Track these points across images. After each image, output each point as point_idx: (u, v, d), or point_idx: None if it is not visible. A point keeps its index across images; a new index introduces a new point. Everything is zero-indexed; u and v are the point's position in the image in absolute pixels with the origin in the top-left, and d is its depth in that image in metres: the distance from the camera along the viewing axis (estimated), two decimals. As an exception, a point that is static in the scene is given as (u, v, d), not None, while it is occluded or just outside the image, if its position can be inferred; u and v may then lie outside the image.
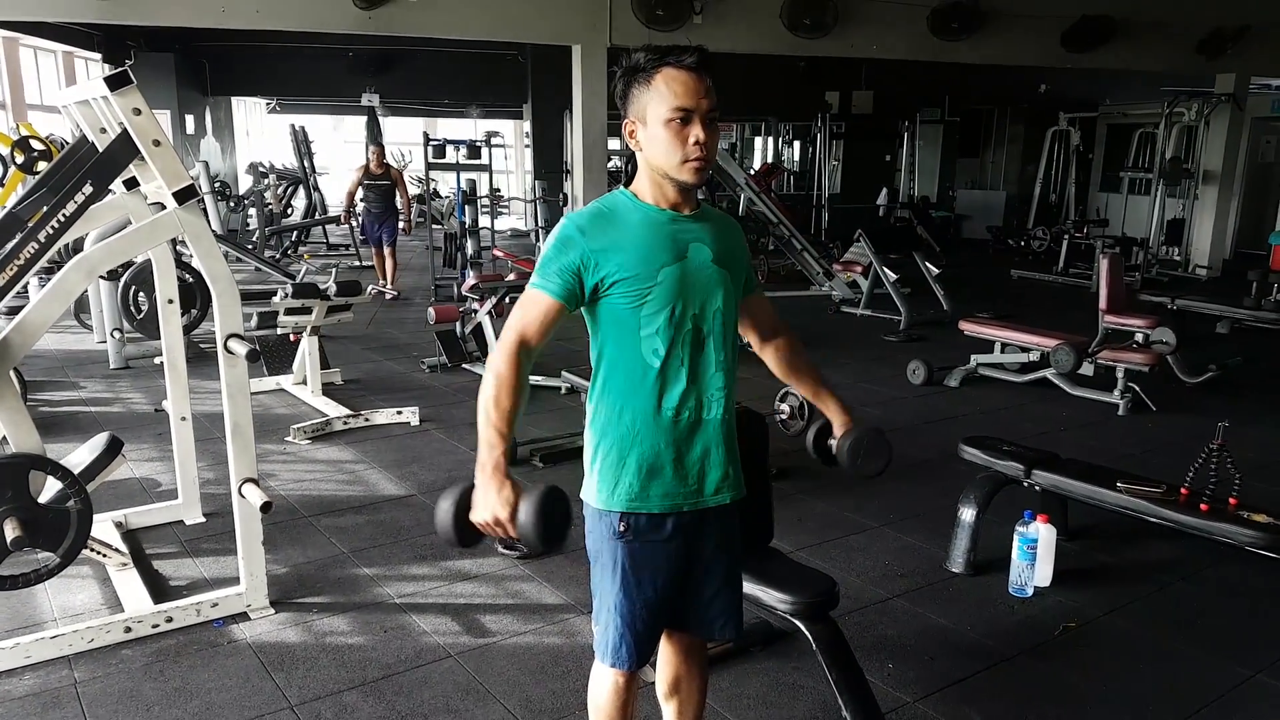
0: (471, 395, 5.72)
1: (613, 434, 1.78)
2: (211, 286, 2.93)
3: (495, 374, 1.73)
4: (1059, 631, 3.03)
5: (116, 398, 5.75)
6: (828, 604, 2.41)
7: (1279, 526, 2.85)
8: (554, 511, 1.59)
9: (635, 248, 1.71)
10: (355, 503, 4.09)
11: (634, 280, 1.70)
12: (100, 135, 3.16)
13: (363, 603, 3.18)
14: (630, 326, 1.73)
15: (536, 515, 1.57)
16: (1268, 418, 5.47)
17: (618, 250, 1.70)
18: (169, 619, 2.96)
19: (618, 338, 1.75)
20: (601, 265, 1.70)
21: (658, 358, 1.74)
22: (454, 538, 1.66)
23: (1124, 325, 6.10)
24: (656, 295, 1.71)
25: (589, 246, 1.70)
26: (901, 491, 4.25)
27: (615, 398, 1.78)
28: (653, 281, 1.71)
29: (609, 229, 1.72)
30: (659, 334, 1.73)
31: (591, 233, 1.71)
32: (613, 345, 1.76)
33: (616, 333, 1.75)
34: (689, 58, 1.68)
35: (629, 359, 1.75)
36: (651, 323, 1.72)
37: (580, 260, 1.70)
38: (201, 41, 13.20)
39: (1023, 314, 7.70)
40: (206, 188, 11.30)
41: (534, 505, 1.57)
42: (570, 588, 3.26)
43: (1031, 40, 9.55)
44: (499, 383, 1.72)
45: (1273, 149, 13.42)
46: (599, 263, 1.70)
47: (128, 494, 4.06)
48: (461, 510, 1.65)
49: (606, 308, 1.74)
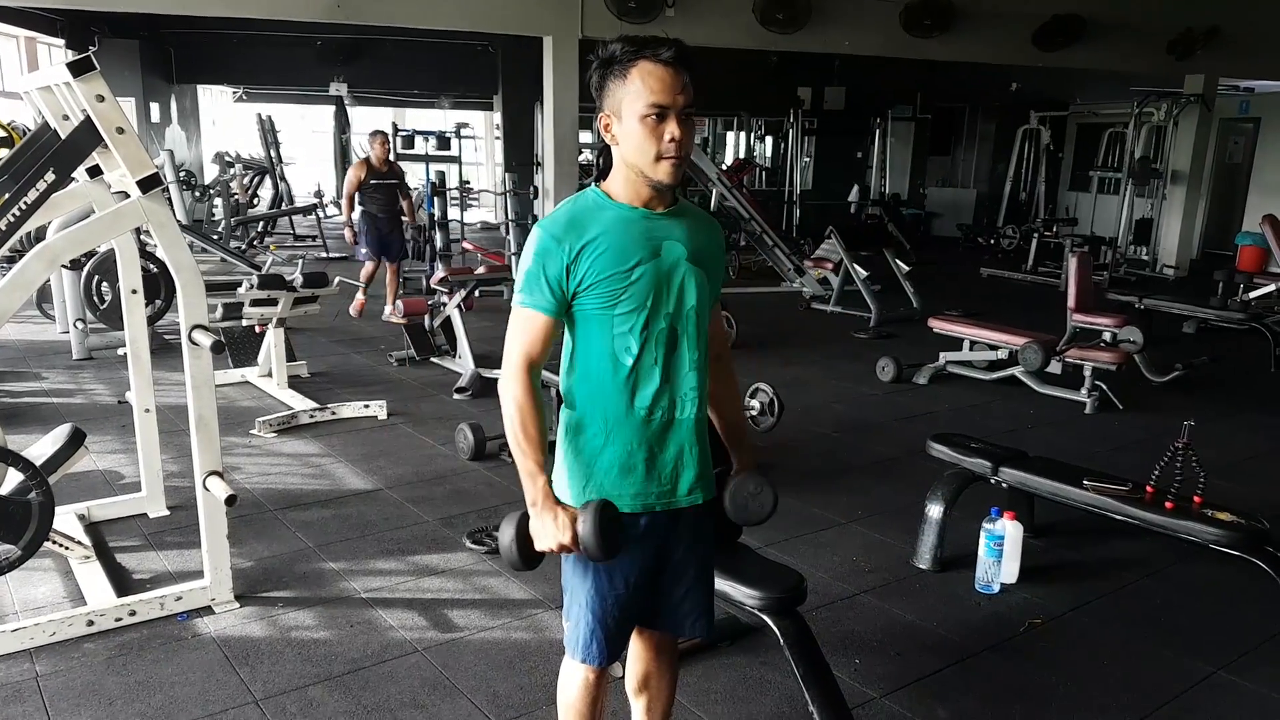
0: (439, 388, 5.74)
1: (585, 432, 1.77)
2: (176, 277, 2.88)
3: (515, 403, 1.72)
4: (1024, 628, 3.06)
5: (79, 389, 5.65)
6: (795, 599, 2.42)
7: (1242, 525, 2.88)
8: (610, 524, 1.67)
9: (609, 249, 1.69)
10: (321, 497, 4.04)
11: (609, 281, 1.69)
12: (63, 122, 3.09)
13: (328, 597, 3.15)
14: (604, 325, 1.71)
15: (597, 532, 1.65)
16: (1233, 417, 5.56)
17: (592, 253, 1.68)
18: (132, 612, 2.91)
19: (591, 336, 1.74)
20: (577, 270, 1.69)
21: (630, 356, 1.73)
22: (522, 565, 1.74)
23: (1092, 324, 6.17)
24: (630, 294, 1.70)
25: (567, 255, 1.68)
26: (870, 488, 4.28)
27: (588, 396, 1.76)
28: (627, 281, 1.69)
29: (582, 233, 1.69)
30: (632, 332, 1.71)
31: (566, 240, 1.68)
32: (586, 343, 1.75)
33: (590, 331, 1.74)
34: (666, 51, 1.64)
35: (602, 357, 1.74)
36: (625, 321, 1.71)
37: (561, 271, 1.69)
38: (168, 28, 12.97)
39: (992, 312, 7.76)
40: (171, 177, 11.11)
41: (593, 523, 1.65)
42: (538, 583, 3.24)
43: (1003, 38, 9.63)
44: (521, 413, 1.72)
45: (1240, 150, 13.63)
46: (575, 269, 1.69)
47: (90, 486, 4.00)
48: (523, 540, 1.72)
49: (580, 308, 1.72)
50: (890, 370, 6.25)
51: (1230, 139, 13.58)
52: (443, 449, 4.68)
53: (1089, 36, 9.64)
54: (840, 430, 5.19)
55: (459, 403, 5.54)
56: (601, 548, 1.65)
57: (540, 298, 1.70)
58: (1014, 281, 10.95)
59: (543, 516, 1.69)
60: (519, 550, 1.71)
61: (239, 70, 15.39)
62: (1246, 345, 7.31)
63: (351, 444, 4.73)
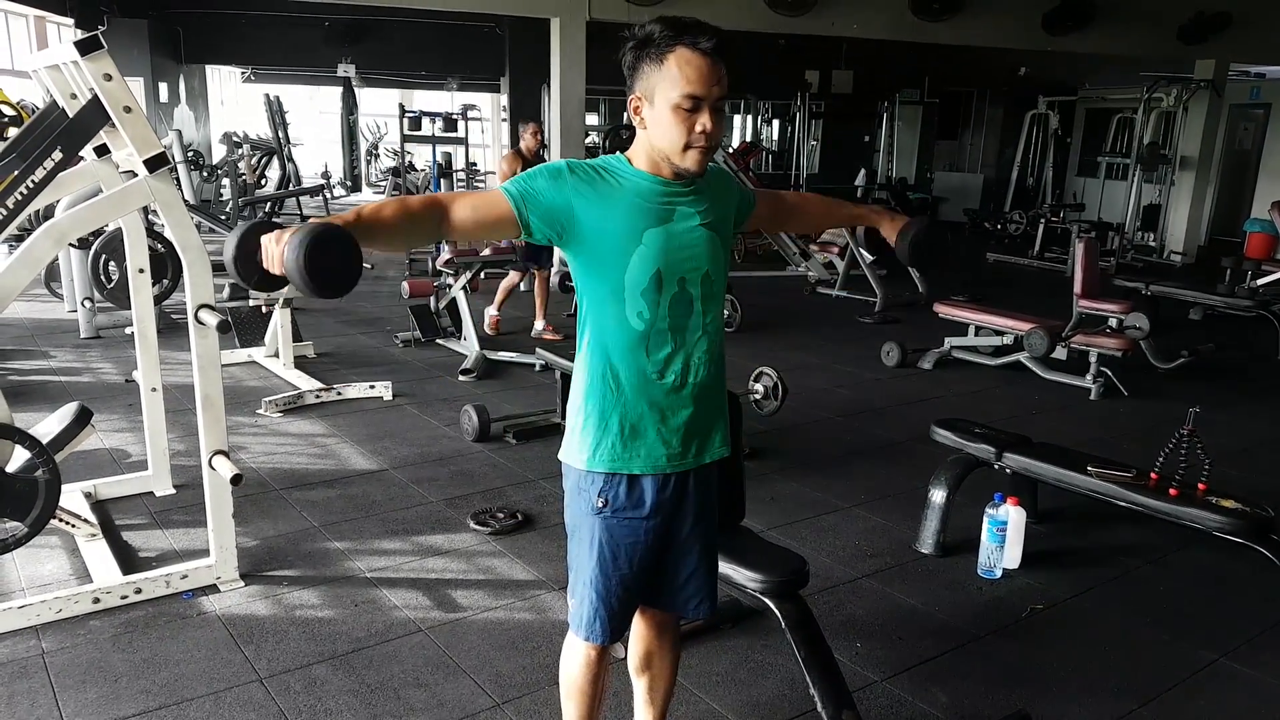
0: (445, 370, 5.76)
1: (596, 395, 1.77)
2: (183, 256, 2.89)
3: (386, 205, 1.64)
4: (1027, 614, 3.07)
5: (86, 367, 5.67)
6: (797, 583, 2.43)
7: (1247, 512, 2.88)
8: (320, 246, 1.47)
9: (620, 207, 1.68)
10: (326, 476, 4.06)
11: (616, 239, 1.68)
12: (71, 101, 3.09)
13: (333, 576, 3.17)
14: (615, 287, 1.71)
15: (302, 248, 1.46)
16: (1239, 404, 5.55)
17: (602, 205, 1.67)
18: (138, 590, 2.93)
19: (603, 299, 1.73)
20: (580, 213, 1.67)
21: (642, 320, 1.72)
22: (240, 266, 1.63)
23: (1098, 310, 6.16)
24: (640, 257, 1.69)
25: (575, 189, 1.67)
26: (873, 472, 4.28)
27: (600, 359, 1.76)
28: (637, 243, 1.68)
29: (598, 183, 1.69)
30: (644, 296, 1.71)
31: (581, 177, 1.68)
32: (598, 306, 1.74)
33: (601, 293, 1.73)
34: (706, 40, 1.60)
35: (614, 320, 1.74)
36: (636, 285, 1.70)
37: (558, 197, 1.66)
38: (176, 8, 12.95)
39: (997, 297, 7.74)
40: (179, 156, 11.10)
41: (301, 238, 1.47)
42: (542, 564, 3.26)
43: (1012, 22, 9.56)
44: (396, 203, 1.65)
45: (1250, 136, 13.53)
46: (577, 209, 1.67)
47: (97, 464, 4.02)
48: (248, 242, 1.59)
49: (590, 263, 1.71)
50: (895, 355, 6.24)
51: (1240, 125, 13.47)
52: (447, 430, 4.69)
53: (1098, 21, 9.58)
54: (844, 414, 5.20)
55: (464, 384, 5.55)
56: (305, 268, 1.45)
57: (516, 193, 1.66)
58: (1020, 267, 10.92)
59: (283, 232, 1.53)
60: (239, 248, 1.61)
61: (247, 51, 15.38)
62: (1254, 332, 7.28)
63: (357, 424, 4.75)
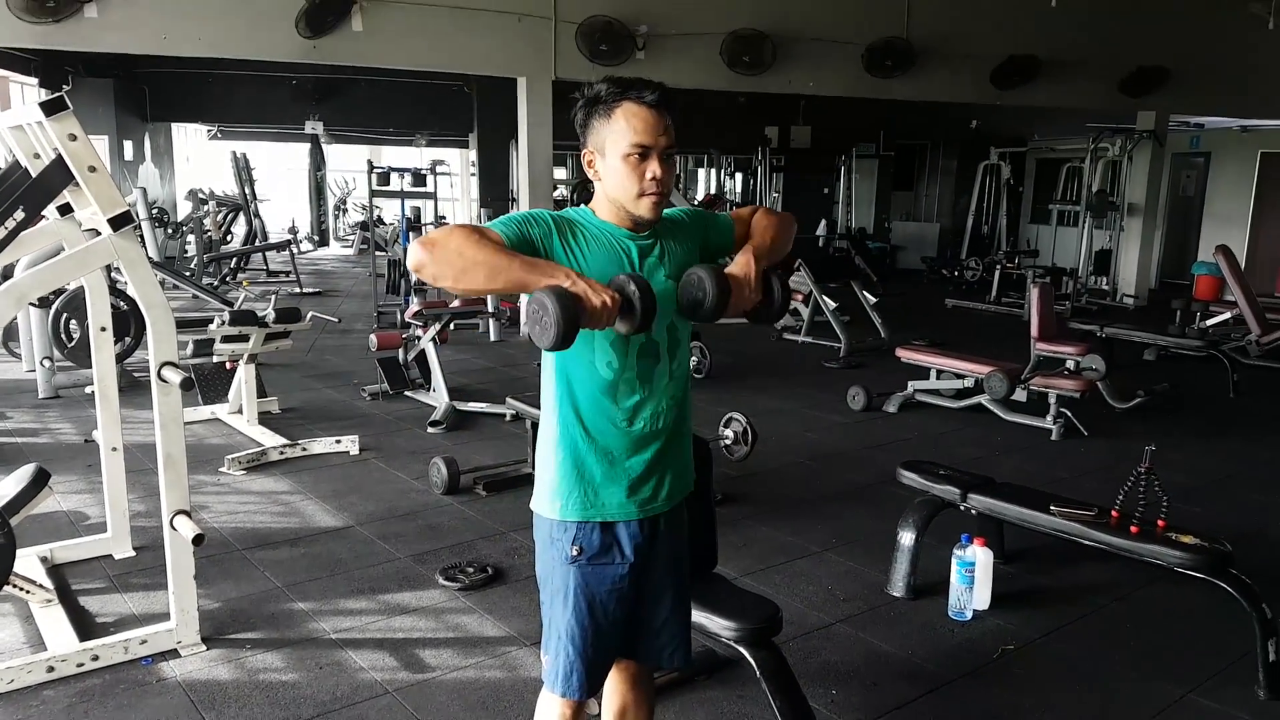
0: (413, 422, 5.72)
1: (566, 444, 1.79)
2: (146, 314, 2.87)
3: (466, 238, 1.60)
4: (998, 654, 3.08)
5: (44, 428, 5.56)
6: (771, 630, 2.43)
7: (1205, 547, 2.92)
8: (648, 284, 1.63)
9: (592, 257, 1.72)
10: (291, 535, 4.00)
11: None
12: (34, 160, 3.09)
13: (297, 638, 3.10)
14: (585, 337, 1.73)
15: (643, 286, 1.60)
16: (1193, 442, 5.67)
17: (576, 254, 1.71)
18: (95, 657, 2.85)
19: (573, 348, 1.75)
20: (559, 253, 1.70)
21: (611, 370, 1.76)
22: (565, 341, 1.57)
23: (1055, 352, 6.28)
24: None
25: (555, 236, 1.71)
26: (843, 515, 4.31)
27: (568, 408, 1.78)
28: None
29: (574, 231, 1.74)
30: (612, 346, 1.74)
31: (559, 226, 1.72)
32: (566, 356, 1.76)
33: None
34: (650, 94, 1.69)
35: (583, 369, 1.76)
36: (606, 334, 1.73)
37: (543, 233, 1.69)
38: (142, 68, 12.97)
39: (957, 341, 7.88)
40: (144, 214, 11.06)
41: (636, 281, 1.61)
42: (513, 619, 3.23)
43: (962, 78, 9.88)
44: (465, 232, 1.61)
45: (1193, 183, 14.01)
46: (559, 248, 1.70)
47: (54, 527, 3.92)
48: (569, 307, 1.54)
49: None
50: (861, 399, 6.31)
51: (1183, 173, 13.95)
52: (416, 484, 4.65)
53: (1044, 76, 9.92)
54: (813, 458, 5.23)
55: (433, 436, 5.51)
56: (647, 306, 1.59)
57: (507, 228, 1.67)
58: (978, 312, 11.12)
59: (583, 281, 1.58)
60: (565, 313, 1.53)
61: (214, 109, 15.41)
62: (1205, 372, 7.46)
63: (322, 480, 4.69)
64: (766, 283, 1.87)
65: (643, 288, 1.61)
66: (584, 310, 1.56)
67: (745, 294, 1.80)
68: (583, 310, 1.56)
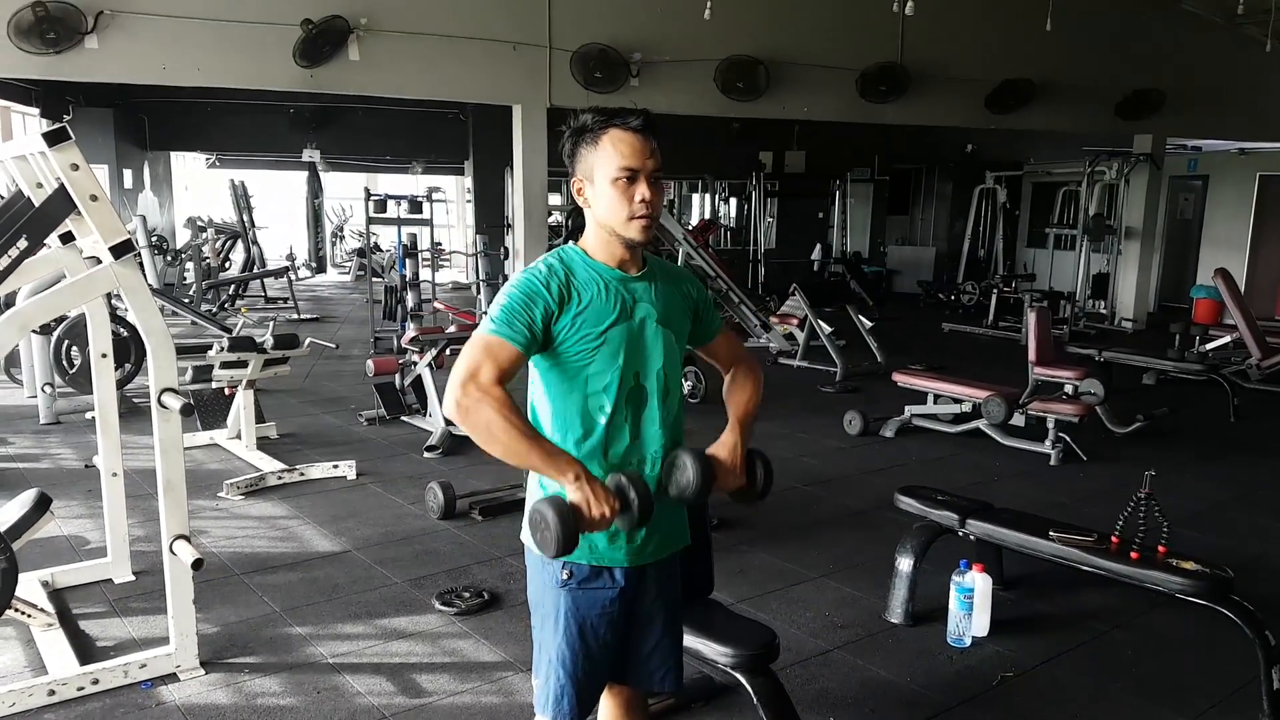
0: (410, 447, 5.72)
1: (556, 487, 1.80)
2: (147, 341, 2.89)
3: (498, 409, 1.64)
4: (997, 682, 3.07)
5: (45, 453, 5.56)
6: (768, 656, 2.42)
7: (1206, 573, 2.90)
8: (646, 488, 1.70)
9: (590, 307, 1.75)
10: (289, 559, 4.00)
11: (585, 337, 1.74)
12: (37, 190, 3.12)
13: (295, 663, 3.10)
14: (577, 382, 1.76)
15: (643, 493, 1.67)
16: (1193, 467, 5.66)
17: (575, 307, 1.74)
18: (95, 681, 2.85)
19: (564, 393, 1.78)
20: (560, 319, 1.73)
21: (604, 414, 1.77)
22: (567, 548, 1.66)
23: (1053, 377, 6.29)
24: (603, 353, 1.75)
25: (554, 301, 1.73)
26: (841, 541, 4.30)
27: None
28: (601, 340, 1.75)
29: (569, 285, 1.75)
30: (606, 391, 1.76)
31: (553, 286, 1.74)
32: (559, 399, 1.78)
33: (564, 387, 1.77)
34: (634, 120, 1.74)
35: (575, 414, 1.78)
36: (599, 380, 1.76)
37: (544, 312, 1.72)
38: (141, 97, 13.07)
39: (954, 366, 7.90)
40: (143, 241, 11.12)
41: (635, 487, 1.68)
42: (509, 644, 3.22)
43: (956, 102, 9.94)
44: (509, 413, 1.65)
45: (1191, 206, 14.05)
46: (560, 316, 1.73)
47: (55, 552, 3.92)
48: (567, 518, 1.64)
49: (554, 361, 1.76)
50: (857, 424, 6.31)
51: (1181, 196, 13.99)
52: (412, 508, 4.65)
53: (1039, 99, 9.98)
54: (811, 483, 5.23)
55: (429, 461, 5.52)
56: (644, 510, 1.68)
57: (517, 331, 1.70)
58: (975, 336, 11.14)
59: (587, 485, 1.66)
60: (565, 529, 1.62)
61: (212, 137, 15.51)
62: (1205, 396, 7.46)
63: (320, 505, 4.69)
64: (751, 466, 1.93)
65: (641, 493, 1.68)
66: (582, 520, 1.65)
67: (730, 479, 1.88)
68: (581, 519, 1.65)
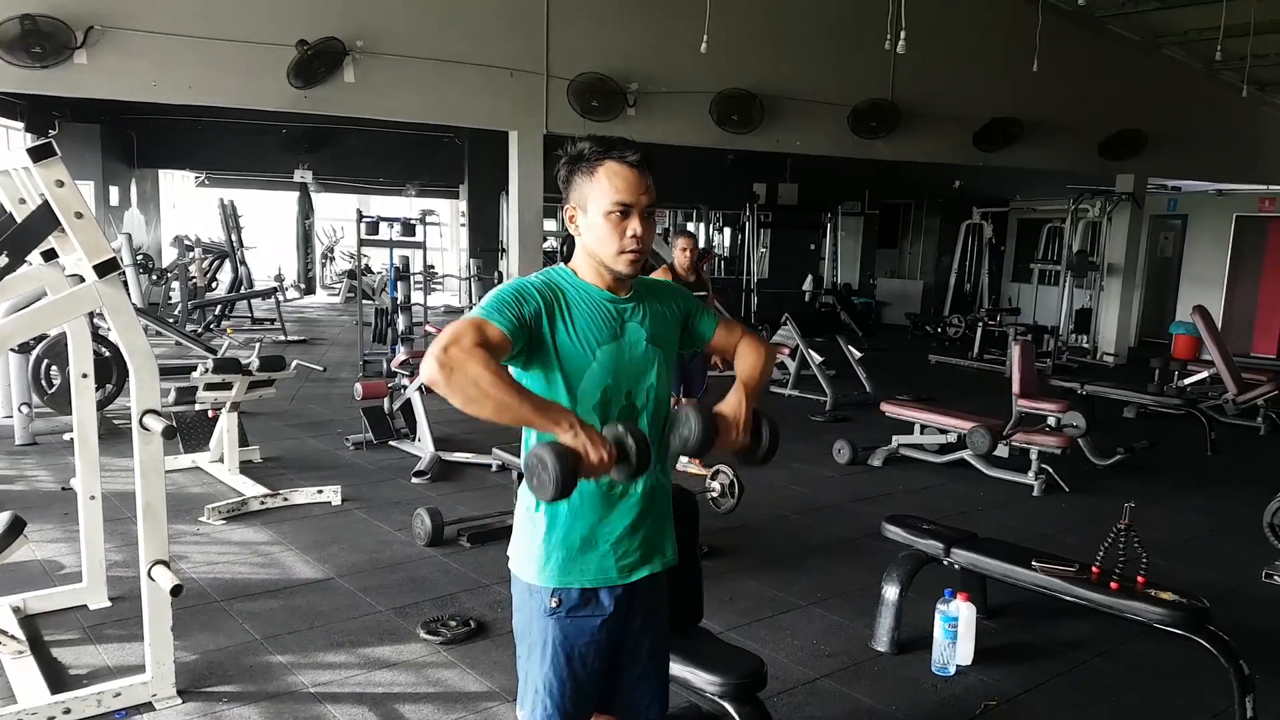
0: (397, 472, 5.68)
1: (545, 507, 1.79)
2: (129, 362, 2.86)
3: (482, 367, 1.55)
4: (980, 710, 3.06)
5: (20, 475, 5.49)
6: (755, 685, 2.41)
7: (1184, 604, 2.94)
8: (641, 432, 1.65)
9: (578, 322, 1.74)
10: (270, 586, 3.94)
11: (573, 356, 1.73)
12: (19, 206, 3.11)
13: (275, 692, 3.05)
14: (566, 401, 1.75)
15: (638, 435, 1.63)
16: (1172, 498, 5.70)
17: (564, 320, 1.74)
18: (66, 711, 2.80)
19: None
20: (548, 326, 1.72)
21: None
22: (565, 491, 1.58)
23: (1036, 409, 6.32)
24: (593, 371, 1.75)
25: (542, 304, 1.72)
26: (828, 569, 4.29)
27: None
28: (591, 359, 1.74)
29: (559, 297, 1.75)
30: (594, 410, 1.75)
31: (545, 293, 1.73)
32: None
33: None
34: (632, 154, 1.73)
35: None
36: (588, 398, 1.75)
37: (533, 311, 1.70)
38: (129, 113, 13.06)
39: (941, 397, 7.93)
40: (128, 260, 11.06)
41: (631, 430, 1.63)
42: (494, 674, 3.18)
43: (945, 139, 10.09)
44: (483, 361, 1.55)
45: (1171, 244, 14.28)
46: (548, 324, 1.72)
47: (28, 577, 3.86)
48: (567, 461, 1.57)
49: (542, 378, 1.75)
50: (846, 453, 6.33)
51: (1161, 234, 14.22)
52: (399, 535, 4.61)
53: (1026, 138, 10.15)
54: (800, 512, 5.22)
55: (417, 487, 5.48)
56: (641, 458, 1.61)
57: (504, 317, 1.65)
58: (961, 368, 11.22)
59: (583, 432, 1.58)
60: (563, 467, 1.56)
61: (202, 156, 15.50)
62: (1183, 429, 7.53)
63: (303, 531, 4.64)
64: (757, 425, 1.86)
65: (639, 440, 1.63)
66: (581, 464, 1.59)
67: (733, 435, 1.81)
68: (580, 464, 1.59)
